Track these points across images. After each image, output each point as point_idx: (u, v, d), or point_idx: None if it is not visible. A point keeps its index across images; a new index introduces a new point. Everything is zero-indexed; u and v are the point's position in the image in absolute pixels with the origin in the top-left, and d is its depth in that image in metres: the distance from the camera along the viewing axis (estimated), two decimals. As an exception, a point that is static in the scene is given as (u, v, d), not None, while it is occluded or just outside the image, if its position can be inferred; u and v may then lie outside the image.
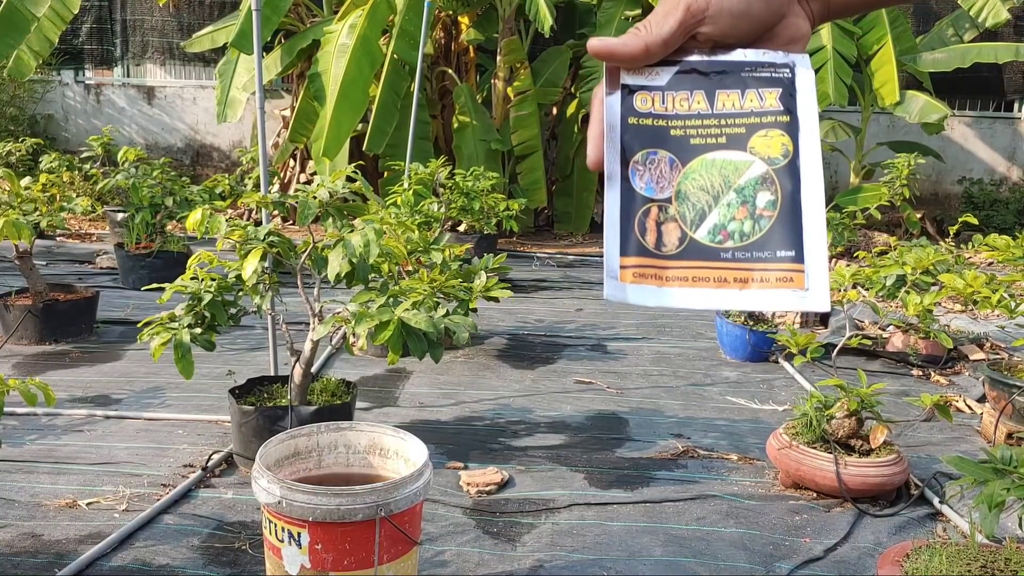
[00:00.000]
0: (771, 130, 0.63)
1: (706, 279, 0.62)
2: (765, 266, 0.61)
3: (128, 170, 5.88)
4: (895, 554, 2.22)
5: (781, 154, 0.63)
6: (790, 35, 0.66)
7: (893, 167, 7.93)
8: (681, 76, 0.65)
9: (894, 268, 4.14)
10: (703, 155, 0.63)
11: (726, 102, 0.64)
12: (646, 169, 0.64)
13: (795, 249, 0.61)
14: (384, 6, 7.50)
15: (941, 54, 8.66)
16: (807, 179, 0.62)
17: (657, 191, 0.63)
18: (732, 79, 0.64)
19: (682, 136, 0.64)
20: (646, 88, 0.65)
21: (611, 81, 0.65)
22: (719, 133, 0.64)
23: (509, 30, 8.68)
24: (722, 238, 0.62)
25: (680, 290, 0.62)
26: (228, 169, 10.49)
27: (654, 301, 0.62)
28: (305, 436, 2.29)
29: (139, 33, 10.86)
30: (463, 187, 5.92)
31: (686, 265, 0.62)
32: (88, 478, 2.93)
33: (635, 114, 0.64)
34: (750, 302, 0.61)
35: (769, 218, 0.62)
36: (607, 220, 0.63)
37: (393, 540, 1.98)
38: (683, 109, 0.64)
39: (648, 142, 0.64)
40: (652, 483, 3.08)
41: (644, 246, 0.62)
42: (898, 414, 3.88)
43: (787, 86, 0.64)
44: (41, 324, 4.55)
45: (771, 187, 0.62)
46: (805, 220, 0.62)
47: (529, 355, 4.75)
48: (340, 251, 2.69)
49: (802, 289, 0.61)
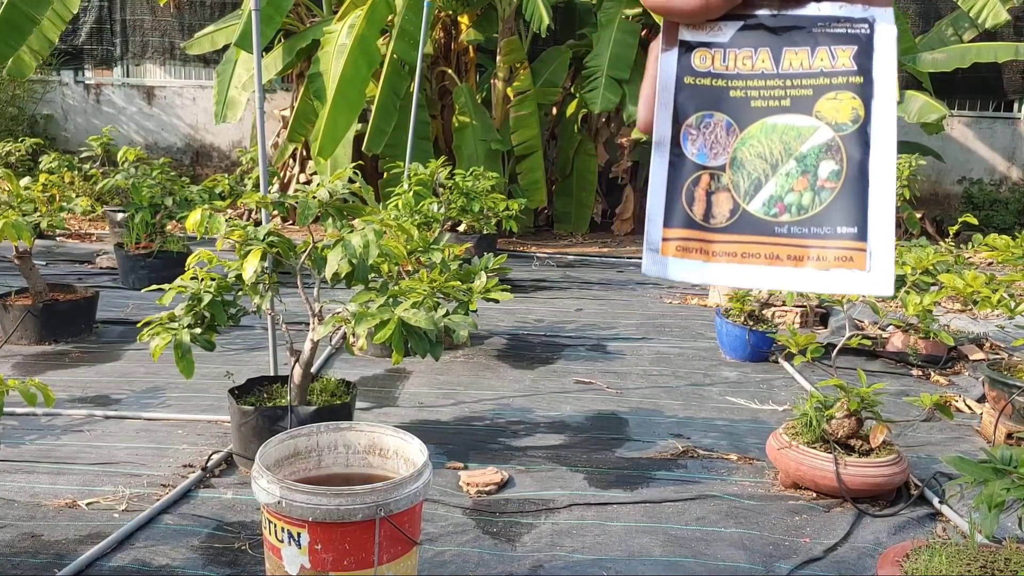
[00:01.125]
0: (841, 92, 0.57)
1: (756, 255, 0.57)
2: (823, 243, 0.56)
3: (128, 170, 5.88)
4: (895, 554, 2.22)
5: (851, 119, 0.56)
6: None
7: (893, 167, 7.90)
8: (746, 32, 0.58)
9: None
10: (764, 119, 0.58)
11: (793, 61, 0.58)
12: (700, 133, 0.59)
13: (858, 225, 0.55)
14: (383, 6, 7.50)
15: (941, 54, 8.66)
16: (877, 148, 0.56)
17: (711, 157, 0.58)
18: (802, 35, 0.58)
19: (742, 98, 0.58)
20: (706, 45, 0.59)
21: (668, 37, 0.60)
22: (783, 95, 0.58)
23: (509, 30, 8.68)
24: (778, 211, 0.57)
25: (727, 266, 0.57)
26: (228, 169, 10.49)
27: (697, 277, 0.57)
28: (305, 436, 2.29)
29: (139, 33, 10.87)
30: (463, 187, 5.92)
31: (736, 239, 0.57)
32: (88, 478, 2.92)
33: (692, 73, 0.59)
34: (803, 282, 0.56)
35: (832, 190, 0.56)
36: (652, 188, 0.58)
37: (393, 540, 1.98)
38: (745, 68, 0.58)
39: (704, 104, 0.59)
40: (652, 483, 3.08)
41: (691, 217, 0.58)
42: (898, 414, 3.88)
43: (863, 43, 0.57)
44: (41, 324, 4.55)
45: (836, 155, 0.56)
46: (872, 193, 0.55)
47: (529, 355, 4.75)
48: (340, 251, 2.69)
49: (863, 270, 0.55)
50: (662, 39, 0.60)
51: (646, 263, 0.58)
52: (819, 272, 0.56)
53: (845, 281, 0.55)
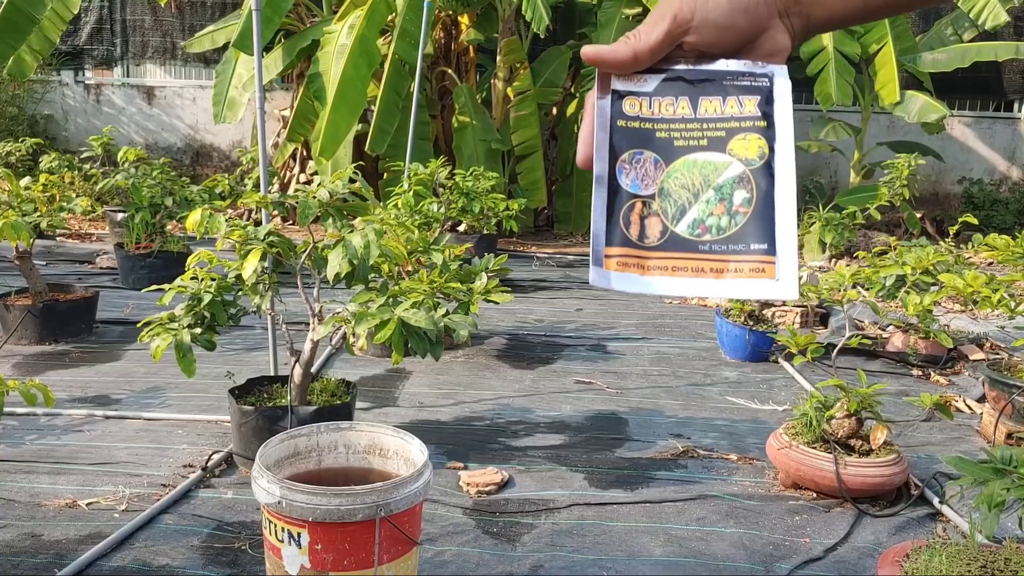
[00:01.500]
0: (749, 134, 0.68)
1: (684, 269, 0.66)
2: (740, 258, 0.66)
3: (128, 170, 5.88)
4: (895, 554, 2.22)
5: (757, 156, 0.67)
6: (770, 48, 0.69)
7: (893, 167, 7.92)
8: (667, 83, 0.69)
9: (894, 268, 4.14)
10: (686, 156, 0.68)
11: (708, 108, 0.68)
12: (632, 167, 0.68)
13: (767, 242, 0.66)
14: (383, 6, 7.50)
15: (941, 54, 8.66)
16: (781, 179, 0.67)
17: (642, 188, 0.68)
18: (714, 87, 0.69)
19: (667, 138, 0.68)
20: (634, 93, 0.69)
21: (602, 86, 0.70)
22: (701, 136, 0.68)
23: (509, 30, 8.68)
24: (700, 232, 0.67)
25: (660, 278, 0.66)
26: (228, 169, 10.49)
27: (636, 288, 0.66)
28: (305, 436, 2.29)
29: (139, 33, 10.87)
30: (463, 187, 5.92)
31: (666, 256, 0.67)
32: (88, 478, 2.92)
33: (624, 117, 0.69)
34: (725, 290, 0.66)
35: (744, 214, 0.66)
36: (594, 213, 0.67)
37: (393, 540, 1.98)
38: (668, 113, 0.69)
39: (635, 143, 0.68)
40: (652, 483, 3.08)
41: (628, 237, 0.67)
42: (898, 414, 3.88)
43: (765, 94, 0.68)
44: (41, 324, 4.55)
45: (747, 186, 0.67)
46: (778, 216, 0.66)
47: (529, 355, 4.75)
48: (340, 251, 2.69)
49: (773, 279, 0.66)
50: (597, 88, 0.70)
51: (592, 275, 0.67)
52: (737, 281, 0.66)
53: (759, 288, 0.66)
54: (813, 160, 10.55)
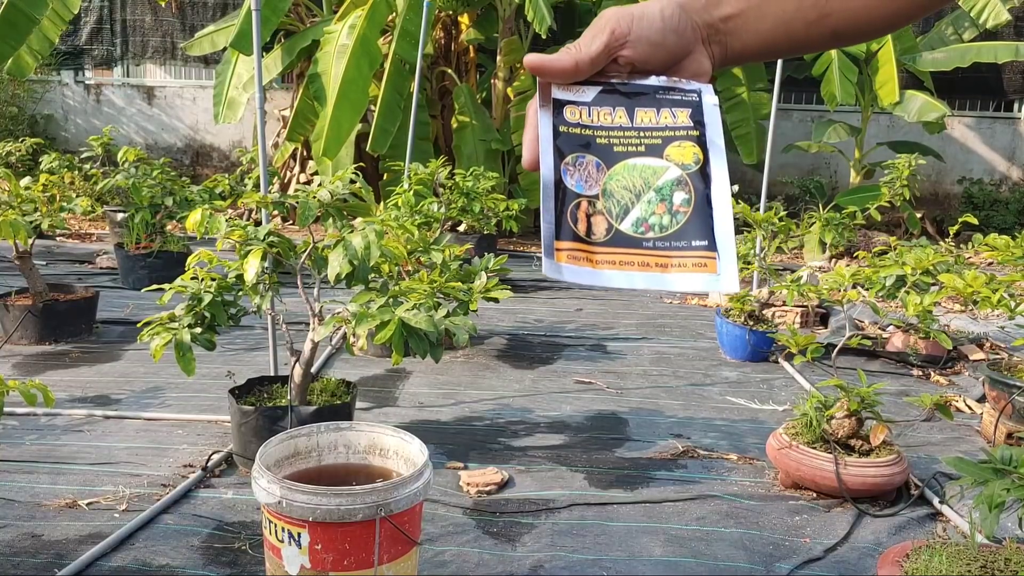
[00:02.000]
0: (684, 142, 0.73)
1: (631, 263, 0.70)
2: (683, 253, 0.70)
3: (128, 170, 5.87)
4: (895, 554, 2.22)
5: (693, 161, 0.72)
6: (694, 70, 0.75)
7: (893, 167, 7.92)
8: (604, 94, 0.74)
9: (894, 268, 4.14)
10: (625, 160, 0.72)
11: (644, 118, 0.74)
12: (576, 169, 0.71)
13: (708, 239, 0.70)
14: (383, 6, 7.50)
15: (941, 54, 8.66)
16: (716, 182, 0.72)
17: (586, 188, 0.71)
18: (648, 99, 0.74)
19: (606, 144, 0.73)
20: (574, 103, 0.74)
21: (544, 95, 0.74)
22: (639, 143, 0.73)
23: (509, 30, 8.68)
24: (644, 229, 0.70)
25: (610, 271, 0.69)
26: (228, 169, 10.49)
27: (587, 280, 0.69)
28: (305, 436, 2.29)
29: (139, 33, 10.87)
30: (463, 187, 5.91)
31: (613, 251, 0.70)
32: (88, 478, 2.92)
33: (565, 123, 0.73)
34: (670, 283, 0.69)
35: (684, 213, 0.71)
36: (543, 209, 0.70)
37: (393, 540, 1.98)
38: (606, 122, 0.73)
39: (577, 147, 0.72)
40: (652, 483, 3.08)
41: (576, 233, 0.70)
42: (898, 414, 3.88)
43: (696, 107, 0.74)
44: (41, 324, 4.55)
45: (685, 188, 0.71)
46: (715, 215, 0.71)
47: (529, 355, 4.75)
48: (341, 252, 2.69)
49: (715, 273, 0.69)
50: (539, 98, 0.74)
51: (544, 266, 0.69)
52: (682, 275, 0.70)
53: (703, 282, 0.69)
54: (813, 160, 10.54)
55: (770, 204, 5.94)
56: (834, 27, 0.73)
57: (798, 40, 0.74)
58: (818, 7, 0.72)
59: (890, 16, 0.73)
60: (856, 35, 0.74)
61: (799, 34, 0.74)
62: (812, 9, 0.72)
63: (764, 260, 5.09)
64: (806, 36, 0.74)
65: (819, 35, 0.74)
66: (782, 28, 0.74)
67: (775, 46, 0.75)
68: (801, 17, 0.73)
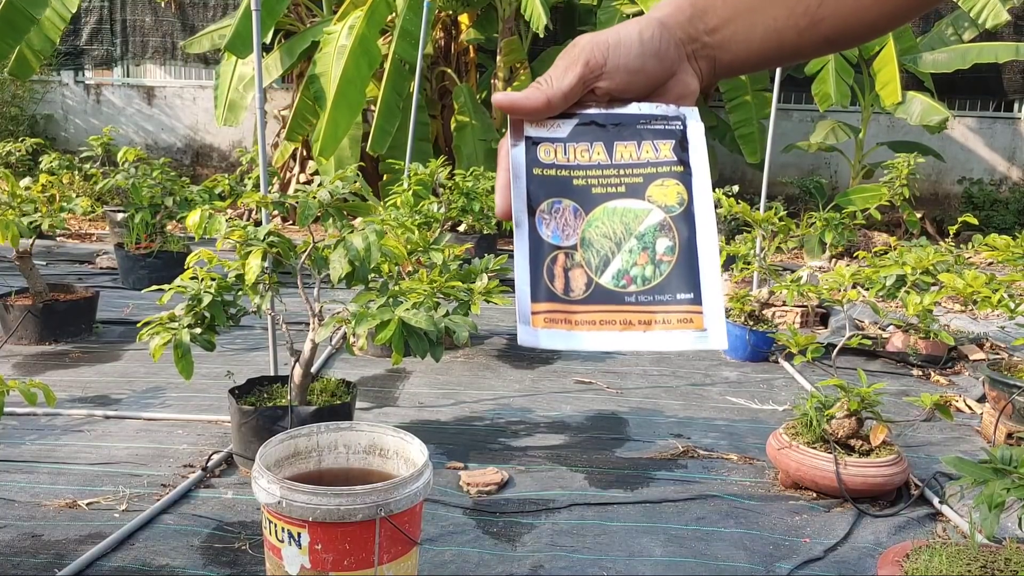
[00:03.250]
0: (667, 180, 0.67)
1: (612, 322, 0.64)
2: (667, 308, 0.64)
3: (128, 170, 5.87)
4: (895, 554, 2.22)
5: (677, 202, 0.66)
6: (680, 91, 0.70)
7: (893, 167, 7.92)
8: (581, 128, 0.69)
9: (894, 268, 4.14)
10: (605, 203, 0.67)
11: (624, 153, 0.68)
12: (552, 218, 0.66)
13: (693, 292, 0.65)
14: (383, 6, 7.50)
15: (941, 54, 8.66)
16: (701, 225, 0.66)
17: (563, 239, 0.66)
18: (628, 131, 0.68)
19: (584, 186, 0.67)
20: (548, 140, 0.68)
21: (515, 133, 0.68)
22: (618, 183, 0.67)
23: (509, 30, 8.68)
24: (625, 283, 0.65)
25: (588, 333, 0.64)
26: (228, 169, 10.49)
27: (564, 344, 0.64)
28: (305, 436, 2.29)
29: (139, 33, 10.87)
30: (463, 187, 5.91)
31: (593, 309, 0.64)
32: (88, 478, 2.92)
33: (539, 164, 0.67)
34: (654, 343, 0.64)
35: (668, 263, 0.65)
36: (517, 268, 0.65)
37: (393, 540, 1.98)
38: (584, 160, 0.68)
39: (552, 192, 0.67)
40: (652, 483, 3.08)
41: (553, 292, 0.65)
42: (898, 414, 3.88)
43: (680, 138, 0.68)
44: (41, 324, 4.55)
45: (669, 233, 0.66)
46: (701, 264, 0.65)
47: (529, 355, 4.75)
48: (341, 252, 2.69)
49: (701, 330, 0.64)
50: (510, 136, 0.68)
51: (520, 335, 0.64)
52: (666, 333, 0.64)
53: (688, 339, 0.64)
54: (813, 160, 10.55)
55: (770, 204, 5.94)
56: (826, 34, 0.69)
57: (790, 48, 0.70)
58: (809, 14, 0.68)
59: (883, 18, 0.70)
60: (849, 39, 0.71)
61: (791, 42, 0.70)
62: (803, 16, 0.68)
63: (764, 260, 5.09)
64: (798, 44, 0.70)
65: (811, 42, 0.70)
66: (773, 37, 0.69)
67: (766, 56, 0.71)
68: (792, 25, 0.69)
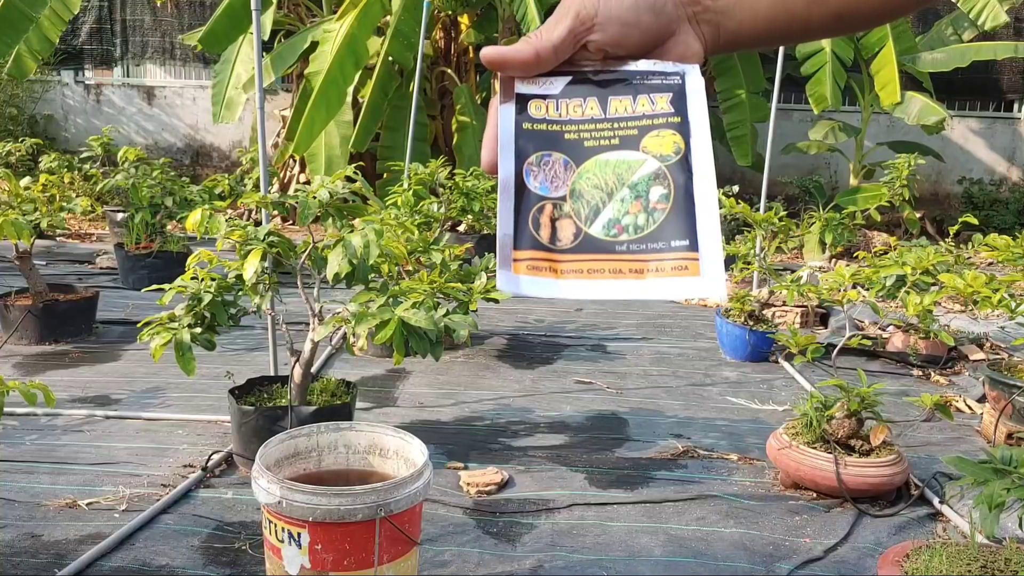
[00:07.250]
0: (663, 130, 0.65)
1: (602, 270, 0.62)
2: (660, 256, 0.62)
3: (128, 170, 5.88)
4: (895, 554, 2.22)
5: (673, 151, 0.64)
6: (680, 52, 0.66)
7: (893, 167, 7.92)
8: (574, 85, 0.67)
9: (894, 268, 4.14)
10: (597, 156, 0.65)
11: (618, 107, 0.66)
12: (540, 170, 0.65)
13: (689, 238, 0.62)
14: (377, 6, 7.49)
15: (940, 54, 8.66)
16: (699, 172, 0.64)
17: (552, 190, 0.64)
18: (623, 87, 0.66)
19: (576, 139, 0.65)
20: (540, 96, 0.66)
21: (506, 91, 0.67)
22: (612, 135, 0.65)
23: (509, 30, 8.68)
24: (616, 232, 0.63)
25: (575, 281, 0.62)
26: (228, 169, 10.49)
27: (548, 292, 0.62)
28: (305, 436, 2.29)
29: (139, 33, 10.87)
30: (463, 187, 5.91)
31: (582, 258, 0.63)
32: (88, 478, 2.92)
33: (529, 120, 0.66)
34: (647, 291, 0.62)
35: (663, 210, 0.63)
36: (500, 218, 0.63)
37: (393, 540, 1.98)
38: (576, 115, 0.66)
39: (542, 145, 0.65)
40: (652, 483, 3.08)
41: (538, 240, 0.63)
42: (898, 414, 3.88)
43: (677, 91, 0.66)
44: (41, 324, 4.55)
45: (664, 181, 0.64)
46: (698, 211, 0.63)
47: (529, 355, 4.75)
48: (340, 251, 2.69)
49: (697, 276, 0.62)
50: (500, 93, 0.66)
51: (499, 280, 0.62)
52: (660, 280, 0.62)
53: (683, 287, 0.62)
54: (813, 160, 10.54)
55: (770, 204, 5.94)
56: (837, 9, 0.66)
57: (799, 21, 0.67)
58: None
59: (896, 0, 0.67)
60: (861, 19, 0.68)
61: (799, 13, 0.66)
62: None
63: (764, 260, 5.09)
64: (807, 17, 0.67)
65: (821, 16, 0.67)
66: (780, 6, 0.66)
67: (774, 27, 0.67)
68: None
